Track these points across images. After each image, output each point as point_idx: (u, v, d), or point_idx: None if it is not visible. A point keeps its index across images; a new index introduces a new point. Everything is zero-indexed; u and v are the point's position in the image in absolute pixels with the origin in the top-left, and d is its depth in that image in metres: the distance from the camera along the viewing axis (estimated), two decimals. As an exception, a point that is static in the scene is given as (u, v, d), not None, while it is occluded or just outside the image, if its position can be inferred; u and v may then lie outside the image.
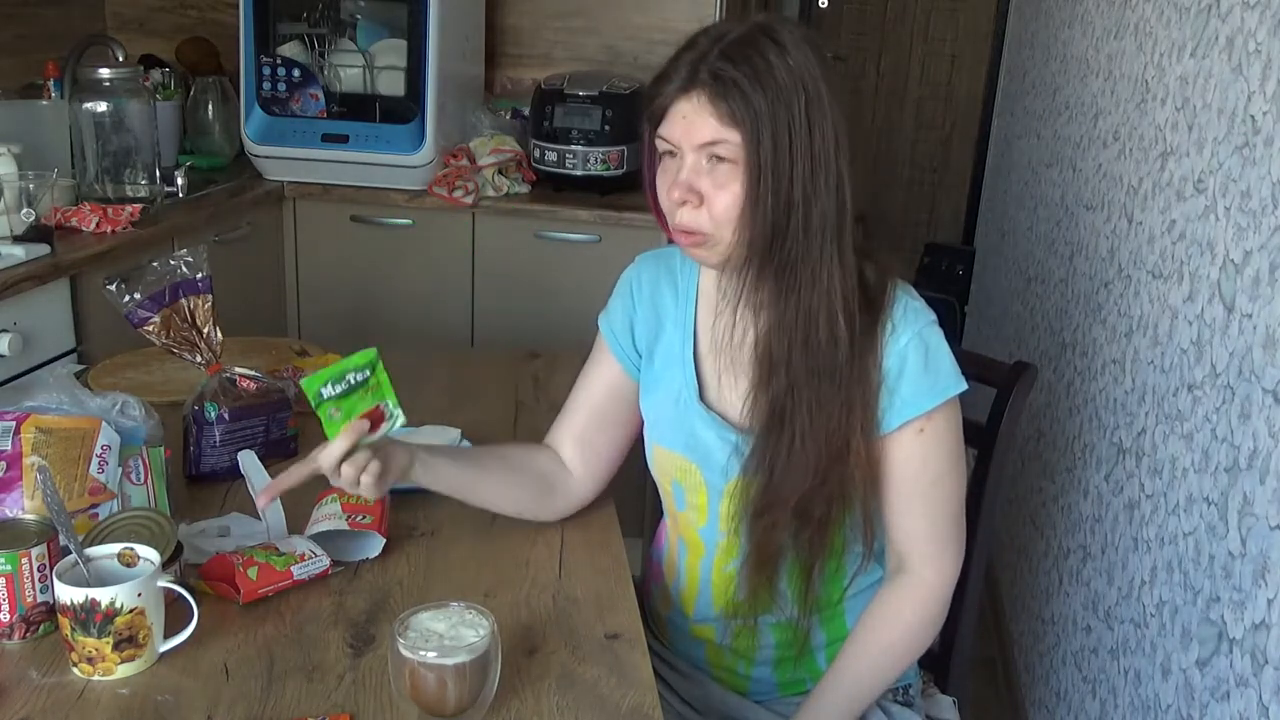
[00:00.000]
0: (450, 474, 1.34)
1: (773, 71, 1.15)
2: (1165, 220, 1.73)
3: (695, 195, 1.19)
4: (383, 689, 1.07)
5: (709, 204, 1.19)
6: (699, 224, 1.20)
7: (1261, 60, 1.38)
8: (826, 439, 1.22)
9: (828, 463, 1.23)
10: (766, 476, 1.25)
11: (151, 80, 2.92)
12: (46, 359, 2.15)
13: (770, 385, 1.24)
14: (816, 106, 1.16)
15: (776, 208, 1.16)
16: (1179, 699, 1.45)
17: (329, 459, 1.18)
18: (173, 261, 1.44)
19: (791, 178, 1.16)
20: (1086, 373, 2.12)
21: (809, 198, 1.17)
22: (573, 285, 2.80)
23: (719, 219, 1.19)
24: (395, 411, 1.20)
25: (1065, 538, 2.15)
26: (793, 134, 1.15)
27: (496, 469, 1.39)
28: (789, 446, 1.23)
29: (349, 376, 1.18)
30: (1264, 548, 1.23)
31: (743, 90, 1.14)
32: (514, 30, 3.33)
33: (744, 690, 1.43)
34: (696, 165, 1.19)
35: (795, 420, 1.22)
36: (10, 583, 1.10)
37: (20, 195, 2.20)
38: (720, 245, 1.21)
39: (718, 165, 1.18)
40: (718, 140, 1.16)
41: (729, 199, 1.18)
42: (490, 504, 1.39)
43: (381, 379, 1.20)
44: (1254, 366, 1.31)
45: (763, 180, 1.16)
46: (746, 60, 1.15)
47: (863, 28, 5.67)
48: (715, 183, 1.18)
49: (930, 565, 1.30)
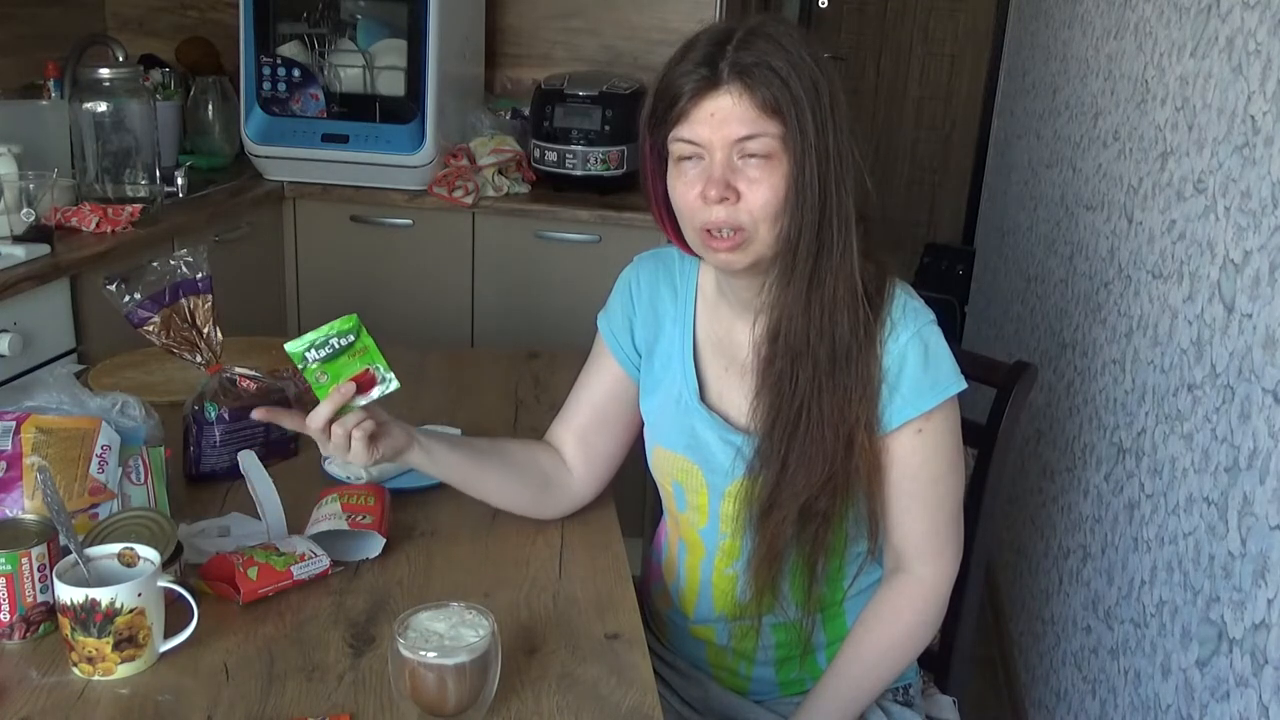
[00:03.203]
0: (448, 461, 1.33)
1: (801, 60, 1.15)
2: (1165, 220, 1.73)
3: (733, 192, 1.16)
4: (383, 689, 1.07)
5: (745, 201, 1.17)
6: (738, 220, 1.17)
7: (1261, 60, 1.38)
8: (839, 431, 1.22)
9: (831, 462, 1.23)
10: (779, 472, 1.24)
11: (151, 80, 2.92)
12: (46, 359, 2.15)
13: (787, 380, 1.23)
14: (833, 98, 1.16)
15: (818, 195, 1.16)
16: (1179, 699, 1.45)
17: (316, 420, 1.19)
18: (173, 261, 1.44)
19: (825, 170, 1.16)
20: (1086, 373, 2.12)
21: (841, 188, 1.17)
22: (573, 285, 2.80)
23: (757, 215, 1.17)
24: (387, 375, 1.20)
25: (1065, 538, 2.15)
26: (822, 125, 1.15)
27: (497, 463, 1.38)
28: (803, 439, 1.22)
29: (332, 341, 1.19)
30: (1264, 548, 1.23)
31: (781, 78, 1.13)
32: (514, 30, 3.33)
33: (744, 690, 1.43)
34: (728, 163, 1.16)
35: (813, 413, 1.22)
36: (10, 583, 1.10)
37: (20, 195, 2.20)
38: (756, 243, 1.19)
39: (749, 161, 1.16)
40: (755, 134, 1.14)
41: (767, 193, 1.16)
42: (488, 497, 1.38)
43: (368, 343, 1.20)
44: (1254, 366, 1.31)
45: (807, 168, 1.15)
46: (771, 53, 1.14)
47: (863, 28, 5.67)
48: (750, 179, 1.16)
49: (929, 565, 1.30)
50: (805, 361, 1.22)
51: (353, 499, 1.33)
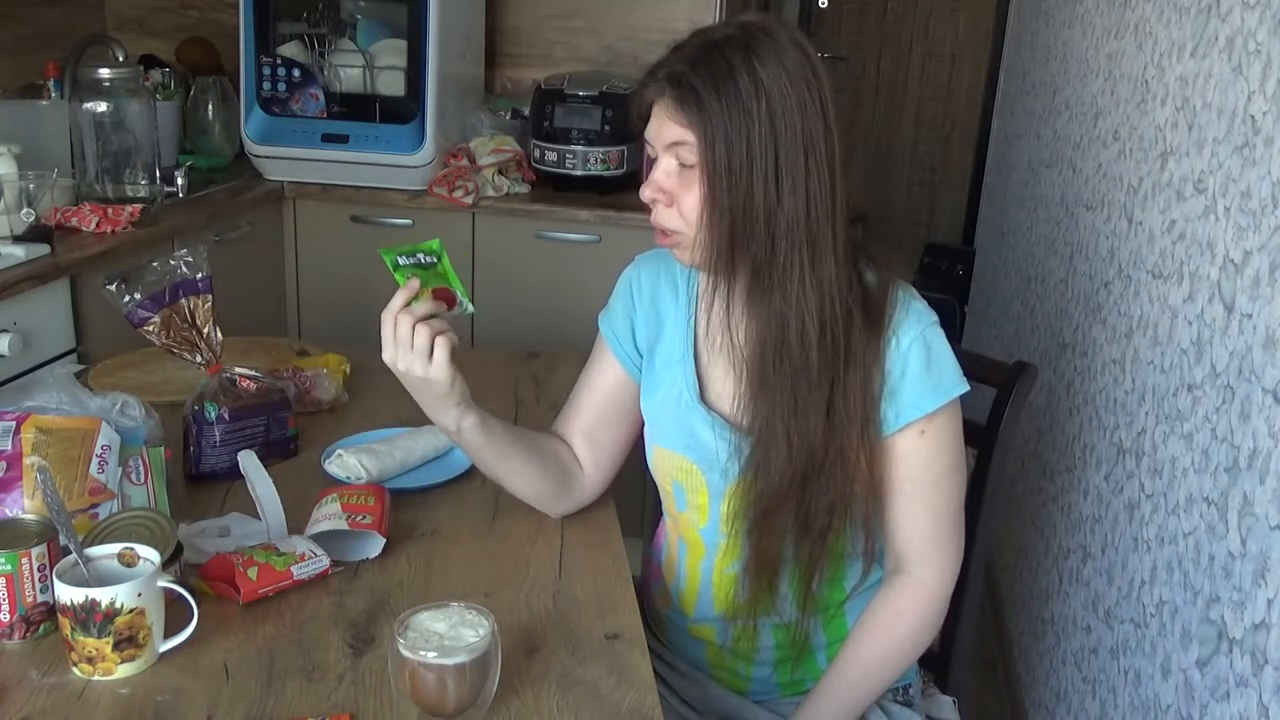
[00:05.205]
0: (497, 432, 1.32)
1: (733, 76, 1.15)
2: (1165, 220, 1.73)
3: (665, 194, 1.21)
4: (383, 689, 1.07)
5: (678, 204, 1.21)
6: (671, 223, 1.22)
7: (1261, 60, 1.39)
8: (804, 444, 1.22)
9: (808, 467, 1.23)
10: (771, 474, 1.25)
11: (151, 80, 2.92)
12: (46, 359, 2.15)
13: (750, 387, 1.25)
14: (783, 112, 1.15)
15: (735, 211, 1.17)
16: (1179, 699, 1.45)
17: (393, 304, 1.21)
18: (173, 261, 1.44)
19: (750, 182, 1.16)
20: (1086, 373, 2.12)
21: (772, 203, 1.17)
22: (573, 285, 2.80)
23: (687, 219, 1.21)
24: (464, 300, 1.26)
25: (1065, 538, 2.15)
26: (751, 139, 1.15)
27: (532, 449, 1.37)
28: (765, 450, 1.24)
29: (419, 255, 1.25)
30: (1264, 548, 1.23)
31: (697, 94, 1.16)
32: (514, 30, 3.33)
33: (744, 690, 1.43)
34: (668, 165, 1.21)
35: (772, 424, 1.23)
36: (10, 583, 1.10)
37: (20, 195, 2.20)
38: (692, 245, 1.22)
39: (684, 166, 1.20)
40: (679, 142, 1.19)
41: (693, 200, 1.20)
42: (512, 480, 1.38)
43: (447, 268, 1.26)
44: (1254, 366, 1.31)
45: (718, 183, 1.17)
46: (709, 65, 1.16)
47: (863, 28, 5.67)
48: (683, 183, 1.20)
49: (930, 566, 1.30)
50: (757, 375, 1.23)
51: (353, 499, 1.33)
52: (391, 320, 1.21)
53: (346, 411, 1.72)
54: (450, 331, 1.23)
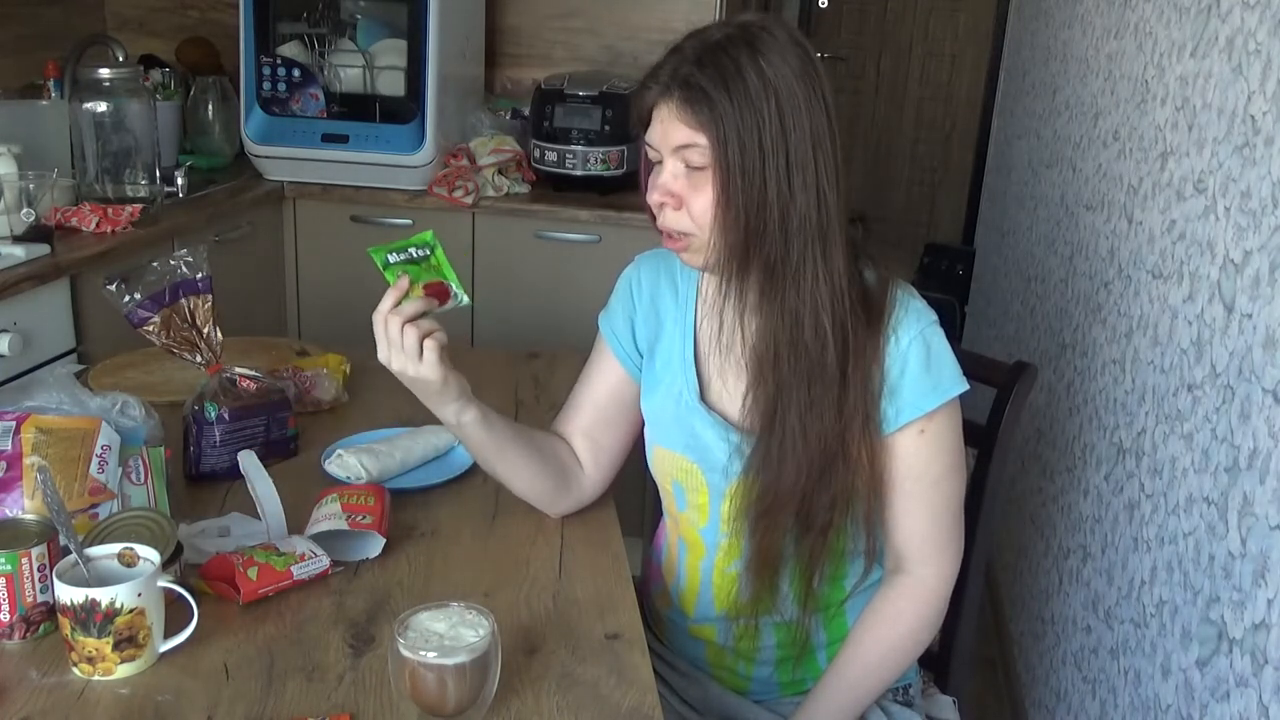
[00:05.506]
0: (498, 427, 1.32)
1: (742, 75, 1.15)
2: (1165, 220, 1.73)
3: (674, 198, 1.21)
4: (383, 689, 1.07)
5: (688, 207, 1.20)
6: (681, 225, 1.22)
7: (1261, 60, 1.38)
8: (819, 440, 1.22)
9: (822, 464, 1.23)
10: (772, 474, 1.25)
11: (151, 80, 2.92)
12: (46, 359, 2.15)
13: (762, 386, 1.24)
14: (791, 109, 1.16)
15: (750, 210, 1.17)
16: (1179, 699, 1.45)
17: (383, 305, 1.21)
18: (173, 261, 1.44)
19: (764, 180, 1.16)
20: (1086, 373, 2.12)
21: (785, 200, 1.17)
22: (573, 285, 2.80)
23: (698, 221, 1.20)
24: (459, 292, 1.25)
25: (1065, 538, 2.15)
26: (763, 137, 1.15)
27: (532, 447, 1.37)
28: (779, 447, 1.23)
29: (410, 250, 1.24)
30: (1264, 548, 1.23)
31: (708, 95, 1.15)
32: (514, 30, 3.33)
33: (744, 690, 1.43)
34: (675, 169, 1.20)
35: (786, 422, 1.23)
36: (10, 583, 1.10)
37: (20, 195, 2.20)
38: (702, 247, 1.22)
39: (693, 169, 1.19)
40: (689, 144, 1.18)
41: (704, 202, 1.19)
42: (512, 479, 1.38)
43: (441, 260, 1.25)
44: (1254, 366, 1.31)
45: (732, 183, 1.16)
46: (716, 65, 1.16)
47: (863, 28, 5.67)
48: (692, 185, 1.20)
49: (930, 565, 1.31)
50: (769, 373, 1.23)
51: (353, 499, 1.33)
52: (382, 322, 1.21)
53: (346, 411, 1.72)
54: (440, 330, 1.22)
